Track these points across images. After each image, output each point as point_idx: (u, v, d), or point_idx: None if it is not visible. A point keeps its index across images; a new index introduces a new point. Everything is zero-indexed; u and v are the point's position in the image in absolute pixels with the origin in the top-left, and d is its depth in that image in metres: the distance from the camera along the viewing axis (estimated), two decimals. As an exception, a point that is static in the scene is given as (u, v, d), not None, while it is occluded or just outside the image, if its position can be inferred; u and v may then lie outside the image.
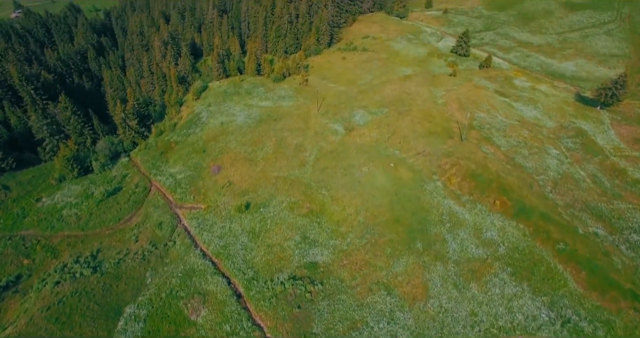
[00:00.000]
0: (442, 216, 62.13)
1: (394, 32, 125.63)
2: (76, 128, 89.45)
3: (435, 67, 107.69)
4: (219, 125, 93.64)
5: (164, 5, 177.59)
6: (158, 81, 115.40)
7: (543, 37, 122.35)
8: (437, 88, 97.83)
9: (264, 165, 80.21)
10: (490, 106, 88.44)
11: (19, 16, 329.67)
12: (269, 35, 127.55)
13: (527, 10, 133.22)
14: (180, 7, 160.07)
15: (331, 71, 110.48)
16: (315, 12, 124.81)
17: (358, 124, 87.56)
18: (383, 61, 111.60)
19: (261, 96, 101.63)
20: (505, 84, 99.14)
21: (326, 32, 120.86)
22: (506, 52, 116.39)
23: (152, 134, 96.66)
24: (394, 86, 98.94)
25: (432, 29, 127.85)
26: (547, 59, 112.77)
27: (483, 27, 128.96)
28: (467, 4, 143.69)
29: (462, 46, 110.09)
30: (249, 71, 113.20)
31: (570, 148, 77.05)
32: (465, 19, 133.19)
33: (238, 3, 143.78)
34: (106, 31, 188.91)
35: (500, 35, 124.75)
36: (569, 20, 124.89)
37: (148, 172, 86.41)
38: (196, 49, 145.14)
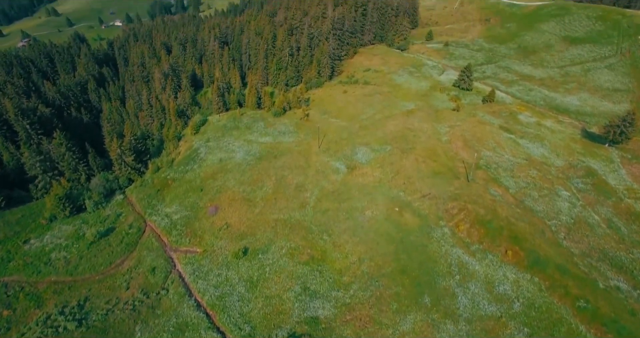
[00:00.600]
0: (451, 267, 58.55)
1: (395, 65, 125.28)
2: (70, 164, 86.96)
3: (438, 102, 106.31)
4: (217, 162, 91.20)
5: (166, 36, 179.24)
6: (157, 114, 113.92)
7: (545, 71, 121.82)
8: (441, 124, 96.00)
9: (263, 206, 77.14)
10: (496, 144, 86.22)
11: (26, 45, 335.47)
12: (269, 67, 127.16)
13: (528, 43, 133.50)
14: (182, 38, 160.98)
15: (332, 105, 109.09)
16: (317, 45, 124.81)
17: (360, 163, 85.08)
18: (385, 95, 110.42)
19: (261, 131, 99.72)
20: (510, 119, 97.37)
21: (327, 65, 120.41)
22: (509, 86, 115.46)
23: (149, 170, 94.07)
24: (396, 122, 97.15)
25: (434, 62, 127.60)
26: (550, 93, 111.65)
27: (484, 60, 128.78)
28: (467, 36, 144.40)
29: (465, 79, 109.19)
30: (249, 105, 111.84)
31: (581, 189, 74.18)
32: (467, 52, 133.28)
33: (239, 35, 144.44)
34: (108, 61, 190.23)
35: (502, 69, 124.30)
36: (570, 54, 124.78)
37: (143, 211, 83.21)
38: (197, 81, 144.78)
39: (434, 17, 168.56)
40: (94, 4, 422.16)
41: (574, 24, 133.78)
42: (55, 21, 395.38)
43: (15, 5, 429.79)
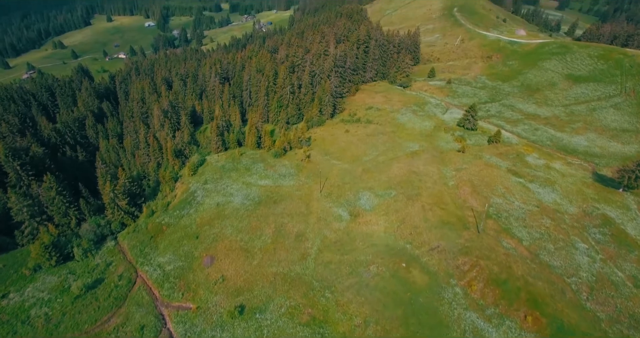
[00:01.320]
0: (465, 334, 53.41)
1: (398, 103, 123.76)
2: (60, 208, 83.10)
3: (442, 142, 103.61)
4: (214, 206, 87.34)
5: (167, 71, 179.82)
6: (154, 153, 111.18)
7: (549, 109, 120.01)
8: (447, 167, 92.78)
9: (262, 257, 72.62)
10: (506, 189, 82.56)
11: (30, 77, 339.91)
12: (270, 105, 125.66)
13: (531, 81, 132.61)
14: (183, 74, 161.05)
15: (334, 145, 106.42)
16: (318, 83, 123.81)
17: (364, 209, 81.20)
18: (388, 135, 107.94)
19: (260, 173, 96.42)
20: (518, 161, 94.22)
21: (329, 103, 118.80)
22: (514, 125, 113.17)
23: (143, 214, 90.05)
24: (401, 164, 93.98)
25: (437, 100, 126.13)
26: (556, 133, 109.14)
27: (488, 98, 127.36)
28: (470, 74, 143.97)
29: (470, 119, 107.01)
30: (249, 144, 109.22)
31: (599, 240, 69.81)
32: (470, 90, 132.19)
33: (240, 71, 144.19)
34: (109, 95, 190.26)
35: (506, 107, 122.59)
36: (574, 93, 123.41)
37: (135, 260, 78.62)
38: (196, 117, 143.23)
39: (435, 53, 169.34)
40: (100, 37, 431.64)
41: (576, 62, 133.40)
42: (61, 53, 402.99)
43: (24, 38, 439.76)
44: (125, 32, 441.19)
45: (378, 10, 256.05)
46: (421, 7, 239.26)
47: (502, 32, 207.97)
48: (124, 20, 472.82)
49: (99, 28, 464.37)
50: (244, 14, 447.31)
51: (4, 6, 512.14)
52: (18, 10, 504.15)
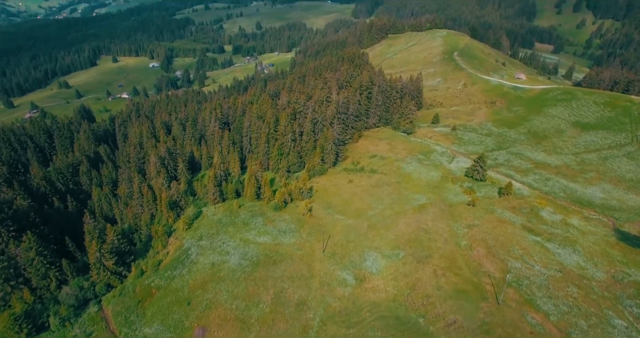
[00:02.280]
0: None
1: (403, 150, 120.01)
2: (39, 270, 76.57)
3: (451, 195, 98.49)
4: (209, 267, 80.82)
5: (167, 115, 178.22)
6: (148, 204, 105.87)
7: (559, 158, 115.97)
8: (457, 223, 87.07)
9: (259, 330, 65.35)
10: (523, 250, 76.37)
11: (32, 116, 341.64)
12: (271, 152, 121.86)
13: (537, 128, 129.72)
14: (183, 118, 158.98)
15: (337, 196, 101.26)
16: (320, 130, 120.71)
17: (370, 272, 74.67)
18: (394, 186, 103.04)
19: (259, 228, 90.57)
20: (532, 217, 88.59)
21: (331, 151, 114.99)
22: (524, 175, 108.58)
23: (132, 274, 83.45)
24: (408, 220, 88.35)
25: (443, 148, 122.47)
26: (569, 183, 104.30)
27: (495, 146, 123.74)
28: (475, 120, 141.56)
29: (478, 170, 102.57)
30: (248, 195, 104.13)
31: (637, 315, 62.72)
32: (476, 137, 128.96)
33: (241, 116, 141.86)
34: (108, 138, 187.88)
35: (514, 155, 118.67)
36: (583, 141, 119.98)
37: (118, 330, 71.29)
38: (195, 163, 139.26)
39: (438, 98, 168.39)
40: (104, 77, 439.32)
41: (582, 109, 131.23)
42: (66, 93, 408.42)
43: (31, 78, 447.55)
44: (129, 73, 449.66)
45: (379, 54, 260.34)
46: (422, 51, 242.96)
47: (503, 75, 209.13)
48: (129, 61, 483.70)
49: (104, 68, 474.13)
50: (247, 56, 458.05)
51: (15, 47, 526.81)
52: (28, 51, 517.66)
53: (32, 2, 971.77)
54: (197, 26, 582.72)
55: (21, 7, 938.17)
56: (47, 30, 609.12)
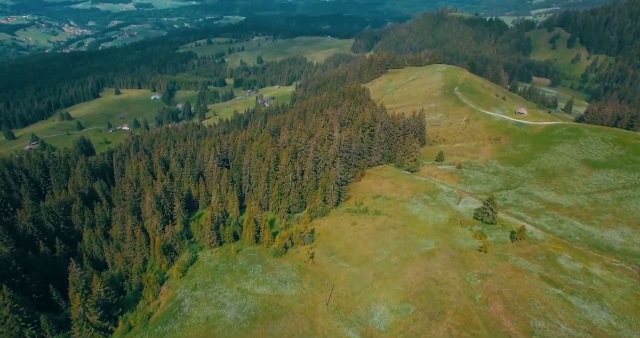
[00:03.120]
0: None
1: (407, 190, 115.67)
2: (13, 329, 70.02)
3: (460, 239, 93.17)
4: (203, 321, 74.36)
5: (166, 150, 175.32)
6: (140, 248, 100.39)
7: (571, 198, 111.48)
8: (469, 271, 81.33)
9: (255, 401, 58.30)
10: (545, 306, 70.30)
11: (32, 148, 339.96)
12: (271, 192, 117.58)
13: (545, 166, 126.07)
14: (181, 154, 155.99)
15: (340, 241, 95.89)
16: (322, 169, 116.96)
17: (378, 330, 68.30)
18: (399, 229, 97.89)
19: (258, 277, 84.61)
20: (550, 265, 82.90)
21: (334, 192, 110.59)
22: (535, 217, 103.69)
23: (118, 329, 76.72)
24: (416, 268, 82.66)
25: (449, 187, 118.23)
26: (584, 226, 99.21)
27: (503, 185, 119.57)
28: (480, 157, 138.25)
29: (488, 213, 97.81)
30: (247, 239, 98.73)
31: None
32: (482, 176, 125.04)
33: (240, 154, 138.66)
34: (105, 172, 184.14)
35: (523, 195, 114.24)
36: (595, 180, 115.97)
37: (98, 398, 63.92)
38: (192, 202, 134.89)
39: (440, 134, 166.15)
40: (106, 109, 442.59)
41: (591, 147, 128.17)
42: (67, 124, 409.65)
43: (34, 110, 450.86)
44: (131, 105, 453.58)
45: (379, 89, 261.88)
46: (422, 86, 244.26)
47: (504, 110, 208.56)
48: (132, 93, 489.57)
49: (107, 100, 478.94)
50: (247, 89, 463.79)
51: (22, 80, 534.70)
52: (34, 83, 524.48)
53: (42, 36, 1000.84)
54: (199, 60, 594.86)
55: (31, 42, 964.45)
56: (53, 63, 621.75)
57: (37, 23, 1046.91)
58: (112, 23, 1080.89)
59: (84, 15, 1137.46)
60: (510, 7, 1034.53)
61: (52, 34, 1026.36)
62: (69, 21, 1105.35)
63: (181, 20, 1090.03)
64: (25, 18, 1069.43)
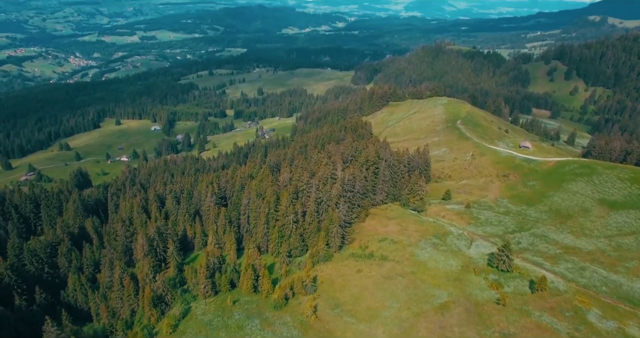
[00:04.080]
0: None
1: (415, 233, 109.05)
2: None
3: (475, 290, 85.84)
4: (191, 390, 65.95)
5: (162, 186, 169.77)
6: (128, 298, 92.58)
7: (590, 241, 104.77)
8: (489, 329, 73.66)
9: None
10: (579, 375, 62.35)
11: (28, 179, 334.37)
12: (270, 234, 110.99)
13: (559, 206, 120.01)
14: (178, 191, 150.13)
15: (345, 290, 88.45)
16: (325, 211, 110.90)
17: None
18: (408, 278, 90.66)
19: (256, 334, 76.88)
20: (579, 322, 75.26)
21: (337, 235, 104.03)
22: (554, 263, 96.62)
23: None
24: (430, 325, 75.02)
25: (458, 229, 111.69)
26: (609, 274, 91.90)
27: (516, 227, 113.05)
28: (489, 195, 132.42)
29: (504, 260, 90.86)
30: (244, 288, 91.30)
31: None
32: (493, 216, 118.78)
33: (239, 192, 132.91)
34: (99, 208, 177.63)
35: (538, 238, 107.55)
36: (614, 222, 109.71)
37: None
38: (187, 243, 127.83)
39: (446, 170, 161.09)
40: (105, 139, 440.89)
41: (606, 185, 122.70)
42: (66, 155, 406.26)
43: (34, 140, 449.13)
44: (131, 135, 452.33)
45: (380, 122, 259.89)
46: (424, 119, 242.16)
47: (508, 144, 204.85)
48: (132, 123, 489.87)
49: (107, 131, 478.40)
50: (248, 120, 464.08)
51: (24, 110, 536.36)
52: (35, 113, 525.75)
53: (47, 67, 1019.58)
54: (200, 91, 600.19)
55: (36, 72, 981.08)
56: (56, 93, 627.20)
57: (44, 55, 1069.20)
58: (116, 54, 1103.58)
59: (89, 47, 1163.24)
60: (505, 40, 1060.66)
61: (58, 65, 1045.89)
62: (75, 53, 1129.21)
63: (184, 52, 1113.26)
64: (33, 50, 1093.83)
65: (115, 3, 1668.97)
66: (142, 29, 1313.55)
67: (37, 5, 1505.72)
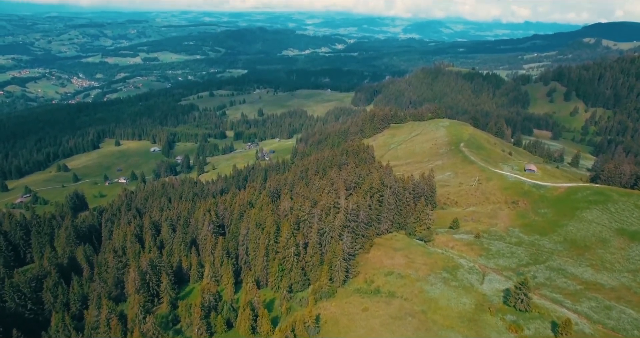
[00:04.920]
0: None
1: (423, 266, 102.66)
2: None
3: (493, 333, 79.06)
4: None
5: (159, 212, 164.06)
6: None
7: (613, 276, 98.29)
8: (512, 381, 66.53)
9: None
10: None
11: (24, 201, 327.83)
12: (270, 267, 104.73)
13: (575, 236, 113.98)
14: (174, 218, 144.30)
15: (351, 332, 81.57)
16: (328, 242, 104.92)
17: None
18: (419, 318, 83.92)
19: (252, 386, 69.55)
20: (608, 372, 68.25)
21: (341, 269, 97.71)
22: (576, 301, 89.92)
23: None
24: (446, 376, 67.90)
25: (469, 261, 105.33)
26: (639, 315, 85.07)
27: (530, 259, 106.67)
28: (499, 224, 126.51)
29: (522, 298, 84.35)
30: (242, 328, 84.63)
31: None
32: (505, 247, 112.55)
33: (238, 220, 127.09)
34: (92, 234, 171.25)
35: (555, 272, 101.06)
36: (636, 254, 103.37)
37: None
38: (182, 274, 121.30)
39: (451, 195, 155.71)
40: (104, 161, 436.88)
41: (624, 214, 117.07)
42: (63, 176, 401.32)
43: (32, 161, 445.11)
44: (130, 157, 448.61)
45: (382, 144, 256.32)
46: (427, 142, 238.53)
47: (513, 167, 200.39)
48: (131, 144, 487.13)
49: (106, 152, 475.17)
50: (248, 142, 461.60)
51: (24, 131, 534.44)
52: (35, 133, 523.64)
53: (50, 88, 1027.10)
54: (200, 112, 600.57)
55: (39, 93, 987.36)
56: (57, 114, 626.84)
57: (47, 76, 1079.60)
58: (118, 75, 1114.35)
59: (93, 68, 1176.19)
60: (503, 61, 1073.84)
61: (61, 86, 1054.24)
62: (78, 74, 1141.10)
63: (185, 73, 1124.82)
64: (38, 71, 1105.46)
65: (119, 26, 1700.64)
66: (144, 50, 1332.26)
67: (44, 28, 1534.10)
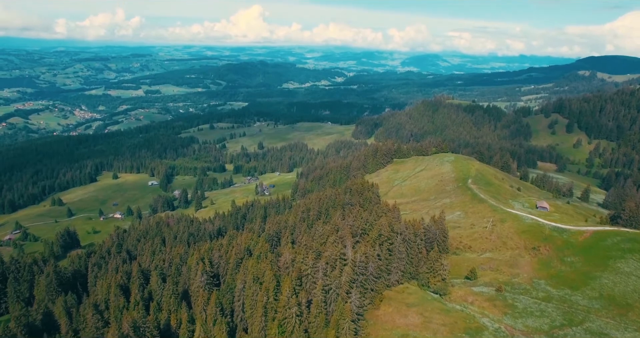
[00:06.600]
0: None
1: (442, 327, 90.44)
2: None
3: None
4: None
5: (150, 256, 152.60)
6: None
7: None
8: None
9: None
10: None
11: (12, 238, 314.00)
12: (269, 328, 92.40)
13: (612, 291, 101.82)
14: (166, 266, 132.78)
15: None
16: (334, 300, 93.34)
17: None
18: (443, 399, 71.27)
19: None
20: None
21: (349, 332, 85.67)
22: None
23: None
24: None
25: (493, 322, 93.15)
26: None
27: (564, 320, 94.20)
28: (521, 274, 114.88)
29: (563, 375, 72.31)
30: None
31: None
32: (532, 304, 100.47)
33: (234, 270, 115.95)
34: (77, 281, 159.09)
35: (597, 337, 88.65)
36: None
37: None
38: (171, 334, 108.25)
39: (464, 239, 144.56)
40: (100, 194, 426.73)
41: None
42: (57, 211, 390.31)
43: (27, 194, 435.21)
44: (127, 190, 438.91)
45: (386, 181, 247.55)
46: (432, 178, 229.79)
47: (523, 204, 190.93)
48: (129, 177, 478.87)
49: (103, 185, 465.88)
50: (247, 176, 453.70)
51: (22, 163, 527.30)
52: (33, 166, 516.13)
53: (53, 120, 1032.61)
54: (200, 145, 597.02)
55: (41, 125, 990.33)
56: (56, 145, 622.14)
57: (50, 108, 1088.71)
58: (120, 107, 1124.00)
59: (95, 101, 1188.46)
60: (500, 93, 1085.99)
61: (63, 118, 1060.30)
62: (81, 106, 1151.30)
63: (186, 106, 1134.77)
64: (41, 103, 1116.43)
65: (123, 59, 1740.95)
66: (147, 83, 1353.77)
67: (51, 62, 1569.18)
